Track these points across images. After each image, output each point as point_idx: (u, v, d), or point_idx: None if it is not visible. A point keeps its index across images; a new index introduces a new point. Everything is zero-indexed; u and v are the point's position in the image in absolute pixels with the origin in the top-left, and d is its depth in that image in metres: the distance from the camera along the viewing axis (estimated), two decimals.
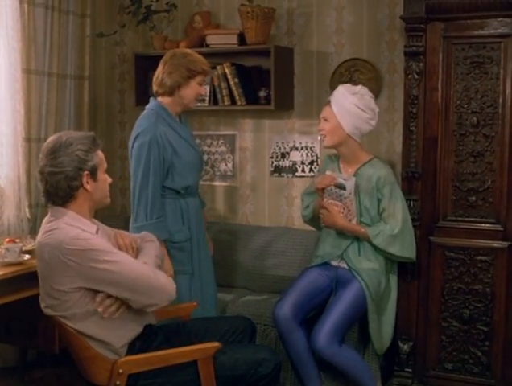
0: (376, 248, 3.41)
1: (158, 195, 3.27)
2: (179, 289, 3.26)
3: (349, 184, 3.41)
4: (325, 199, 3.49)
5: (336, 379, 3.52)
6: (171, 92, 3.33)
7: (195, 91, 3.35)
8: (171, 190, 3.34)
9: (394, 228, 3.38)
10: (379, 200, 3.42)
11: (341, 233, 3.49)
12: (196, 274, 3.42)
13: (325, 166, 3.65)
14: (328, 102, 3.47)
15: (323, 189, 3.48)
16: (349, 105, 3.38)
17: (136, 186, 3.27)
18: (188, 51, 3.47)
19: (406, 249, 3.42)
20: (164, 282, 2.61)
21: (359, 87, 3.45)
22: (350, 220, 3.45)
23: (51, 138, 2.63)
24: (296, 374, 3.54)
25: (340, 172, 3.54)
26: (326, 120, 3.45)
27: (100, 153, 2.64)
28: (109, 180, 2.71)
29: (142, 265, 2.59)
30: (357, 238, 3.45)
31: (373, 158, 3.52)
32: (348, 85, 3.49)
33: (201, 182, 4.68)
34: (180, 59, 3.32)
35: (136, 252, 2.79)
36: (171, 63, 3.32)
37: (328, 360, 3.32)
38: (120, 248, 2.74)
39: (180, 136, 3.37)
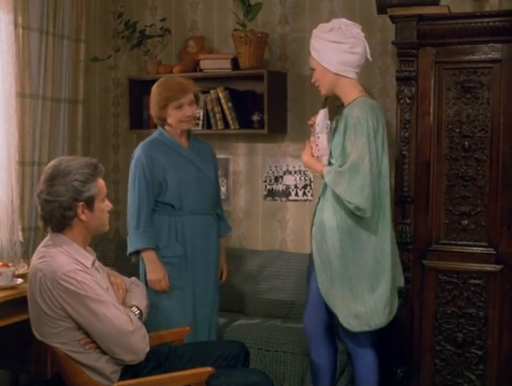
0: (337, 199, 3.13)
1: (144, 208, 3.44)
2: (171, 303, 3.44)
3: (319, 116, 3.28)
4: (311, 138, 3.34)
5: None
6: (161, 122, 3.53)
7: (176, 117, 3.47)
8: (166, 205, 3.47)
9: (343, 165, 3.08)
10: (344, 139, 3.13)
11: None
12: (187, 292, 3.47)
13: None
14: (310, 52, 3.30)
15: (312, 126, 3.35)
16: (324, 44, 3.19)
17: (129, 200, 3.49)
18: (164, 80, 3.58)
19: (353, 193, 3.01)
20: (136, 344, 2.56)
21: (332, 22, 3.23)
22: (318, 157, 3.25)
23: (51, 163, 2.60)
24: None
25: None
26: (313, 69, 3.29)
27: (100, 182, 2.61)
28: (109, 208, 2.68)
29: (123, 322, 2.53)
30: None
31: (360, 97, 3.21)
32: (321, 25, 3.27)
33: None
34: (155, 91, 3.51)
35: (125, 292, 2.79)
36: (151, 98, 3.53)
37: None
38: (112, 285, 2.74)
39: (180, 154, 3.51)
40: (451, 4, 3.63)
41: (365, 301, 3.13)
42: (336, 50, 3.16)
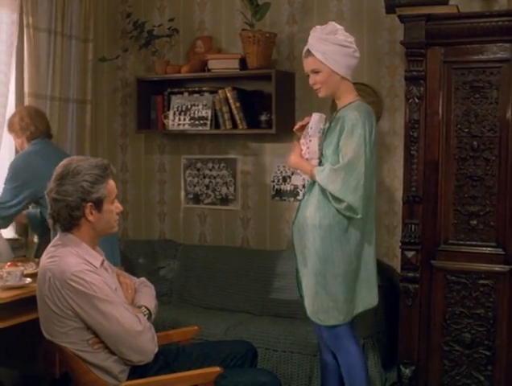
0: (325, 196, 3.16)
1: None
2: None
3: (313, 119, 3.28)
4: (301, 140, 3.34)
5: None
6: None
7: None
8: None
9: (336, 164, 3.10)
10: (339, 140, 3.15)
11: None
12: None
13: None
14: (308, 53, 3.24)
15: (301, 131, 3.36)
16: (333, 47, 3.16)
17: None
18: None
19: (348, 192, 3.04)
20: (145, 344, 2.57)
21: (330, 25, 3.22)
22: (308, 160, 3.25)
23: (63, 162, 2.62)
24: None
25: None
26: (316, 72, 3.22)
27: (110, 183, 2.61)
28: (118, 209, 2.67)
29: (132, 322, 2.54)
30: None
31: (356, 101, 3.25)
32: (318, 28, 3.23)
33: (202, 206, 4.73)
34: None
35: (134, 292, 2.79)
36: None
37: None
38: (121, 286, 2.75)
39: None
40: (459, 4, 3.61)
41: (337, 297, 3.18)
42: (344, 53, 3.19)
